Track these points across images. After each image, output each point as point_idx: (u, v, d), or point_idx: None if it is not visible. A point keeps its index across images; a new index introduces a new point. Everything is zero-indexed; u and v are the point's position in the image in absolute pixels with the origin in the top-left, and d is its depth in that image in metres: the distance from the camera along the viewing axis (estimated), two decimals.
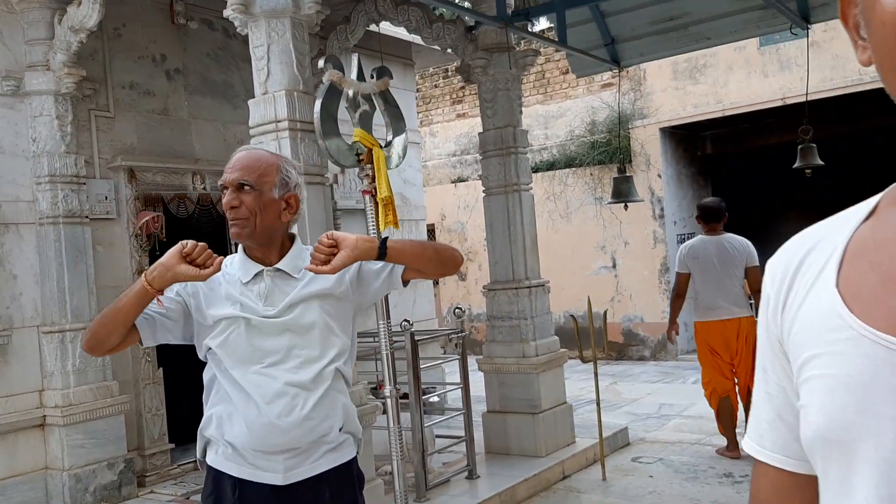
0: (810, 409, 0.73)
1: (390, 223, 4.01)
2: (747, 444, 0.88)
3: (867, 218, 0.79)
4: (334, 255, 2.12)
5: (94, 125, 5.91)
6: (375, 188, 4.02)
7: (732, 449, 5.90)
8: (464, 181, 13.37)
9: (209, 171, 6.54)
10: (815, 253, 0.80)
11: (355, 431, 2.35)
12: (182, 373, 6.79)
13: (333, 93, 4.09)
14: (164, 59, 6.45)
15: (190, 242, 2.13)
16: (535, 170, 11.39)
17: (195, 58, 6.69)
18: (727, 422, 5.94)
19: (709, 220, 6.07)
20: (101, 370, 5.58)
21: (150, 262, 6.11)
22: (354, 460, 2.37)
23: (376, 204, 4.03)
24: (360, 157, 4.05)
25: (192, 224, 6.61)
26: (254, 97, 4.28)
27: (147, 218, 6.03)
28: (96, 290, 5.64)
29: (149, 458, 5.97)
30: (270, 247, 2.28)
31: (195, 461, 6.14)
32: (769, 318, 0.82)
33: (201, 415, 2.30)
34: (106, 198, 5.92)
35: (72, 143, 5.56)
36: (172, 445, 6.14)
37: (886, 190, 0.81)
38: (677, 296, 6.20)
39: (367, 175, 4.03)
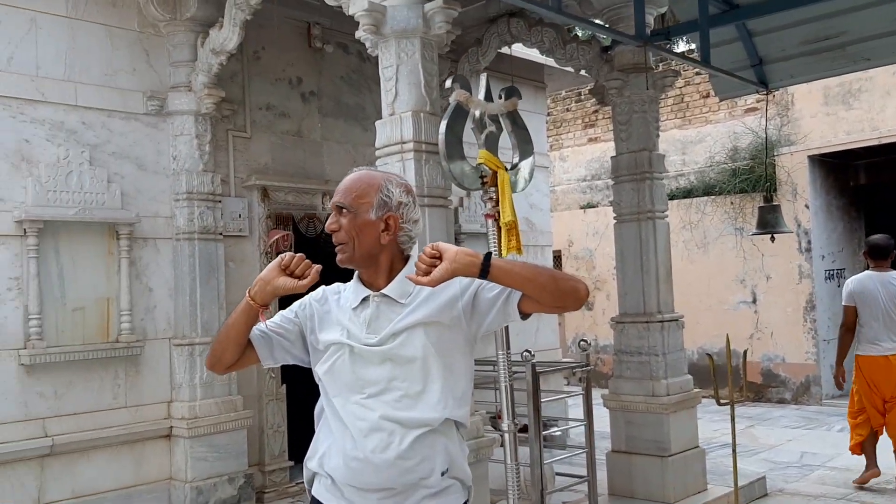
0: None
1: (513, 249, 3.84)
2: None
3: None
4: (436, 266, 1.95)
5: (231, 145, 6.09)
6: (499, 212, 3.86)
7: (871, 467, 6.20)
8: (593, 207, 13.02)
9: None
10: None
11: (463, 478, 2.12)
12: (304, 391, 6.86)
13: (460, 113, 3.98)
14: (300, 82, 6.58)
15: (288, 255, 2.08)
16: (671, 197, 10.92)
17: (329, 81, 6.80)
18: (870, 446, 6.21)
19: (876, 256, 6.23)
20: (226, 384, 5.68)
21: None
22: None
23: (499, 228, 3.87)
24: (485, 180, 3.91)
25: (320, 243, 6.67)
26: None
27: (277, 236, 6.13)
28: (226, 306, 5.77)
29: (268, 474, 6.02)
30: (376, 270, 2.15)
31: None
32: None
33: None
34: (240, 216, 6.06)
35: (209, 161, 5.73)
36: (292, 463, 6.17)
37: None
38: (847, 330, 6.29)
39: (491, 198, 3.89)
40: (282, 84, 6.46)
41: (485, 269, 1.96)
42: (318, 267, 2.08)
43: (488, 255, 1.98)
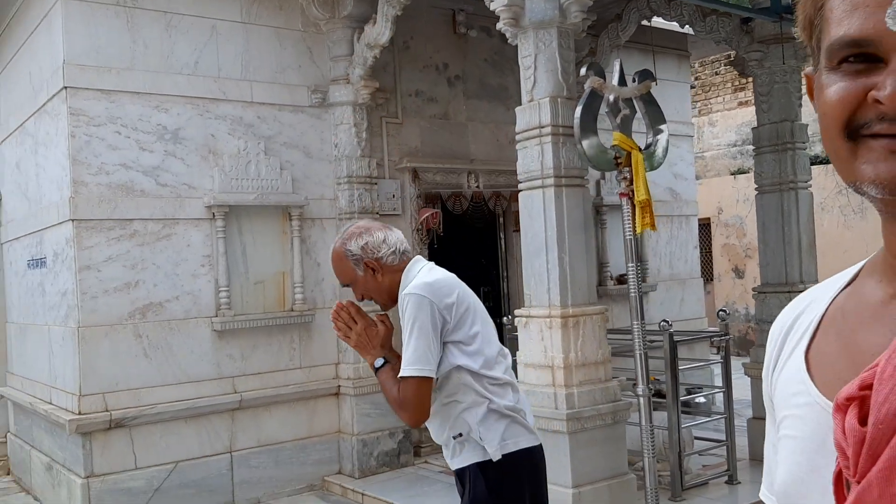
0: (780, 466, 0.80)
1: (647, 225, 4.08)
2: (762, 491, 0.93)
3: (847, 285, 0.80)
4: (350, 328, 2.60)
5: (384, 131, 6.61)
6: (633, 191, 4.11)
7: None
8: (744, 173, 12.71)
9: (483, 170, 7.01)
10: (803, 316, 0.83)
11: (476, 440, 2.47)
12: None
13: (594, 98, 4.25)
14: (446, 67, 7.00)
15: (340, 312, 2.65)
16: (823, 162, 10.55)
17: (473, 64, 7.17)
18: None
19: None
20: None
21: (429, 256, 6.72)
22: (472, 467, 2.48)
23: (633, 206, 4.12)
24: (619, 161, 4.16)
25: (466, 220, 7.13)
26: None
27: (427, 214, 6.62)
28: None
29: (423, 430, 6.56)
30: (392, 294, 2.61)
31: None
32: (765, 376, 0.87)
33: None
34: (393, 196, 6.60)
35: (366, 147, 6.28)
36: None
37: (869, 258, 0.80)
38: None
39: (625, 178, 4.13)
40: (429, 70, 6.90)
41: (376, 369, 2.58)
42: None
43: (378, 368, 2.55)
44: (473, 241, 7.34)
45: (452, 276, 2.64)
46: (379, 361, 2.54)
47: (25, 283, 6.48)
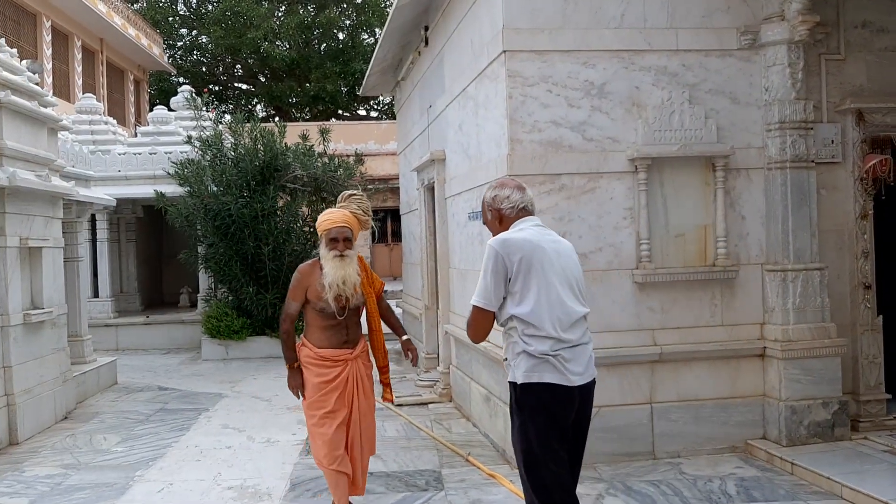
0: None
1: None
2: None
3: None
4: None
5: (823, 69, 5.97)
6: None
7: None
8: None
9: None
10: None
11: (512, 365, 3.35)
12: None
13: None
14: None
15: None
16: None
17: None
18: None
19: None
20: (819, 311, 5.74)
21: (874, 208, 5.95)
22: (511, 383, 3.35)
23: None
24: None
25: None
26: None
27: (874, 161, 5.85)
28: (818, 234, 5.78)
29: (863, 404, 5.93)
30: None
31: None
32: None
33: None
34: (832, 142, 5.95)
35: (801, 89, 5.73)
36: (889, 396, 5.97)
37: None
38: None
39: None
40: None
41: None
42: None
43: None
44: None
45: (537, 238, 3.32)
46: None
47: (466, 234, 7.21)
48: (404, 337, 4.80)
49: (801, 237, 5.75)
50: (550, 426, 3.25)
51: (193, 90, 14.16)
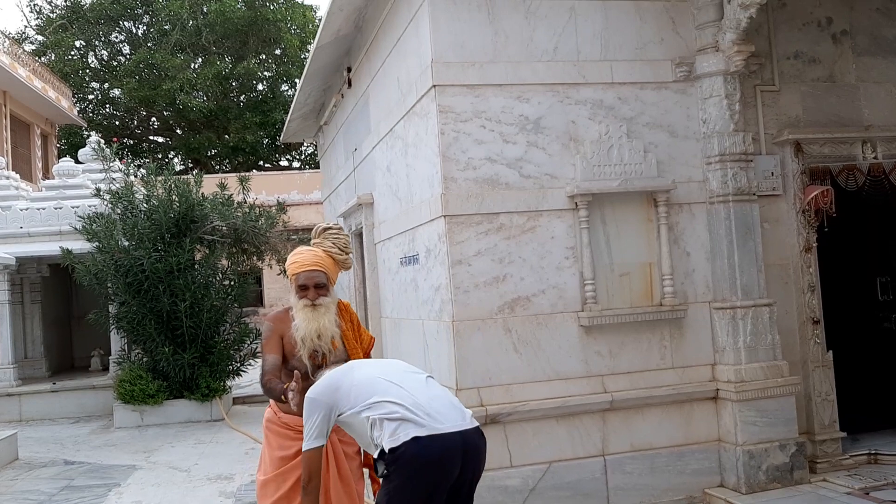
0: None
1: None
2: None
3: None
4: None
5: (759, 101, 5.86)
6: None
7: None
8: None
9: (881, 138, 5.98)
10: None
11: None
12: (853, 357, 6.32)
13: None
14: (830, 23, 6.04)
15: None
16: None
17: (863, 15, 6.11)
18: None
19: None
20: (770, 349, 5.52)
21: (818, 240, 5.81)
22: None
23: None
24: None
25: (863, 197, 6.08)
26: None
27: (815, 192, 5.73)
28: (764, 269, 5.59)
29: (819, 444, 5.69)
30: None
31: (868, 453, 5.63)
32: None
33: (875, 403, 1.98)
34: (772, 174, 5.82)
35: (739, 121, 5.59)
36: (844, 434, 5.76)
37: None
38: None
39: None
40: (810, 28, 5.99)
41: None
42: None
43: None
44: (871, 222, 6.24)
45: None
46: None
47: (398, 280, 6.79)
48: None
49: (747, 272, 5.54)
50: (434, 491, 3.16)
51: (102, 140, 13.43)
